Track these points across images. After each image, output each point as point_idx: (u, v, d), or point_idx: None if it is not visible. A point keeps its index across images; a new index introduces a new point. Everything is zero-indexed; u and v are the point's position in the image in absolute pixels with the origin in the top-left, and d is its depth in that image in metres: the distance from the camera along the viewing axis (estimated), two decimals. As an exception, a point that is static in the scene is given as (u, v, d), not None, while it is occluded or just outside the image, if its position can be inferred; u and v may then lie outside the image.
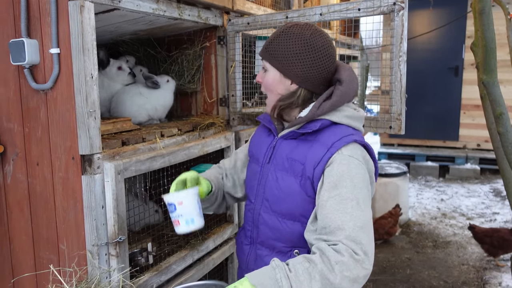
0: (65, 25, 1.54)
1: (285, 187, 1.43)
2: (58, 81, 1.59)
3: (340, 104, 1.42)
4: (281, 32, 1.44)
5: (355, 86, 1.46)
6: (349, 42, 4.58)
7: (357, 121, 1.47)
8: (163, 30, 2.33)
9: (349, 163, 1.33)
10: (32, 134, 1.69)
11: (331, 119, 1.42)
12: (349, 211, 1.26)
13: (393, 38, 1.84)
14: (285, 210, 1.43)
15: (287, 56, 1.41)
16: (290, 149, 1.45)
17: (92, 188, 1.59)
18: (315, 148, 1.39)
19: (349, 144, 1.37)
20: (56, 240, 1.69)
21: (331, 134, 1.40)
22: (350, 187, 1.29)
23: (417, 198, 6.26)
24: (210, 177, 1.71)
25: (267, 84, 1.49)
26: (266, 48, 1.47)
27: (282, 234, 1.44)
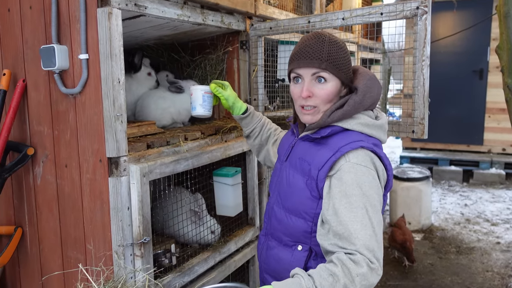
0: (94, 32, 1.59)
1: (293, 184, 1.49)
2: (87, 86, 1.64)
3: (352, 113, 1.44)
4: (329, 42, 1.44)
5: (374, 95, 1.47)
6: (371, 45, 4.57)
7: (374, 129, 1.47)
8: (187, 35, 2.38)
9: (356, 171, 1.35)
10: (61, 137, 1.74)
11: (343, 126, 1.44)
12: (359, 219, 1.29)
13: (416, 42, 1.84)
14: (291, 206, 1.49)
15: (345, 63, 1.45)
16: (303, 150, 1.51)
17: (119, 190, 1.64)
18: (322, 151, 1.43)
19: (356, 150, 1.39)
20: (83, 240, 1.74)
21: (340, 139, 1.43)
22: (359, 195, 1.32)
23: (440, 203, 6.17)
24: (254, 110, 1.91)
25: (326, 96, 1.45)
26: (328, 59, 1.42)
27: (287, 228, 1.50)
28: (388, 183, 1.47)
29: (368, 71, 1.53)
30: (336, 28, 2.18)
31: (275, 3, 2.67)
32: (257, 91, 2.42)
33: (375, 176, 1.38)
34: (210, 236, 2.20)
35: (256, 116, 1.91)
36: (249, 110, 1.88)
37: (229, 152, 2.19)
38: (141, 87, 2.36)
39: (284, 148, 1.65)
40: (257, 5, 2.41)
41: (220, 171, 2.18)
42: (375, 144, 1.44)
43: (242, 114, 1.86)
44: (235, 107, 1.86)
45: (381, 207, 1.38)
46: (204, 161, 2.01)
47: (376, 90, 1.49)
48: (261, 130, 1.91)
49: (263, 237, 1.67)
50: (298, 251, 1.48)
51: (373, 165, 1.39)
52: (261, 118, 1.93)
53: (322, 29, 2.15)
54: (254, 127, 1.90)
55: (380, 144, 1.50)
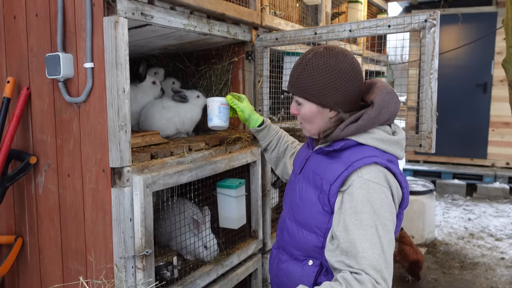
0: (100, 40, 1.58)
1: (306, 197, 1.47)
2: (91, 95, 1.62)
3: (367, 128, 1.41)
4: (305, 66, 1.45)
5: (391, 110, 1.44)
6: (376, 57, 4.56)
7: (390, 144, 1.44)
8: (192, 45, 2.36)
9: (368, 187, 1.32)
10: (64, 146, 1.72)
11: (357, 140, 1.41)
12: (369, 237, 1.26)
13: (424, 55, 1.82)
14: (302, 220, 1.47)
15: (321, 88, 1.42)
16: (317, 163, 1.49)
17: (121, 200, 1.61)
18: (334, 165, 1.40)
19: (369, 166, 1.36)
20: (84, 252, 1.71)
21: (353, 153, 1.40)
22: (370, 213, 1.29)
23: (444, 217, 6.11)
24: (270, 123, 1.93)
25: (305, 117, 1.51)
26: (296, 85, 1.47)
27: (298, 242, 1.49)
28: (403, 201, 1.43)
29: (387, 85, 1.49)
30: (343, 40, 2.16)
31: (281, 14, 2.66)
32: (262, 102, 2.40)
33: (387, 193, 1.34)
34: (205, 252, 2.15)
35: (273, 128, 1.91)
36: (265, 122, 1.89)
37: (233, 163, 2.16)
38: (146, 96, 2.35)
39: (299, 161, 1.63)
40: (263, 16, 2.40)
41: (224, 183, 2.16)
42: (389, 161, 1.41)
43: (258, 126, 1.87)
44: (251, 119, 1.87)
45: (393, 226, 1.33)
46: (208, 172, 1.99)
47: (394, 104, 1.45)
48: (278, 142, 1.91)
49: (275, 250, 1.65)
50: (309, 266, 1.45)
51: (386, 182, 1.35)
52: (278, 131, 1.93)
53: (327, 41, 2.13)
54: (271, 139, 1.90)
55: (396, 160, 1.46)
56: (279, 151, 1.90)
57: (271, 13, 2.53)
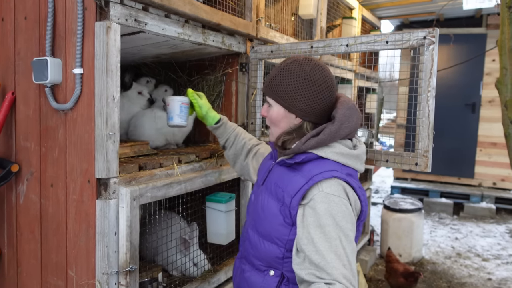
0: (90, 46, 1.52)
1: (267, 209, 1.49)
2: (79, 102, 1.56)
3: (328, 142, 1.45)
4: (281, 69, 1.51)
5: (352, 125, 1.48)
6: (368, 74, 4.55)
7: (350, 158, 1.48)
8: (185, 54, 2.31)
9: (329, 201, 1.35)
10: (48, 154, 1.65)
11: (318, 154, 1.45)
12: (334, 249, 1.29)
13: (421, 72, 1.79)
14: (264, 231, 1.49)
15: (290, 92, 1.47)
16: (279, 176, 1.51)
17: (106, 213, 1.54)
18: (296, 178, 1.43)
19: (329, 180, 1.39)
20: (65, 266, 1.63)
21: (314, 167, 1.43)
22: (333, 226, 1.32)
23: (431, 236, 6.09)
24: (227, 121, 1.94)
25: (272, 119, 1.55)
26: (269, 86, 1.53)
27: (260, 252, 1.51)
28: (361, 213, 1.47)
29: (349, 100, 1.53)
30: (340, 54, 2.14)
31: (276, 27, 2.63)
32: (255, 115, 2.35)
33: (347, 205, 1.38)
34: (193, 269, 2.09)
35: (229, 126, 1.94)
36: (222, 120, 1.91)
37: (223, 176, 2.10)
38: (133, 105, 2.28)
39: (262, 172, 1.66)
40: (259, 28, 2.36)
41: (214, 197, 2.09)
42: (349, 174, 1.45)
43: (215, 124, 1.89)
44: (208, 116, 1.89)
45: (353, 236, 1.38)
46: (197, 185, 1.92)
47: (355, 120, 1.50)
48: (235, 139, 1.92)
49: (238, 260, 1.66)
50: (270, 276, 1.48)
51: (345, 194, 1.39)
52: (234, 128, 1.94)
53: (324, 55, 2.10)
54: (228, 137, 1.92)
55: (356, 173, 1.50)
56: (237, 147, 1.92)
57: (267, 26, 2.50)
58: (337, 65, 3.54)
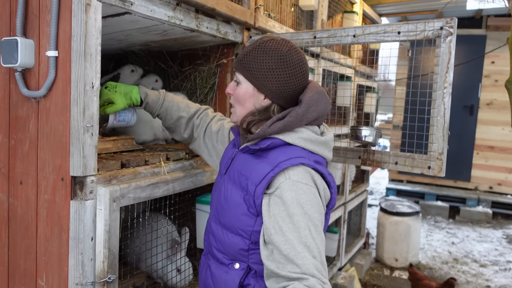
0: (67, 25, 1.33)
1: (230, 199, 1.40)
2: (53, 89, 1.37)
3: (294, 126, 1.36)
4: (257, 46, 1.40)
5: (320, 109, 1.40)
6: (368, 72, 4.39)
7: (318, 145, 1.39)
8: (177, 43, 2.13)
9: (297, 189, 1.27)
10: (18, 147, 1.46)
11: (284, 139, 1.35)
12: (303, 240, 1.22)
13: (437, 66, 1.63)
14: (227, 222, 1.40)
15: (263, 70, 1.38)
16: (242, 163, 1.41)
17: (82, 216, 1.35)
18: (260, 166, 1.34)
19: (297, 167, 1.30)
20: (34, 274, 1.44)
21: (280, 154, 1.33)
22: (301, 215, 1.24)
23: (427, 240, 5.95)
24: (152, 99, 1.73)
25: (238, 97, 1.44)
26: (241, 61, 1.42)
27: (223, 245, 1.41)
28: (331, 201, 1.39)
29: (318, 86, 1.45)
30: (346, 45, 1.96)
31: (275, 17, 2.45)
32: (251, 110, 2.17)
33: (316, 194, 1.30)
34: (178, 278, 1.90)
35: (154, 100, 1.73)
36: (145, 100, 1.72)
37: (216, 176, 1.92)
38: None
39: (225, 160, 1.55)
40: (257, 17, 2.18)
41: (205, 198, 1.91)
42: (317, 162, 1.37)
43: (140, 105, 1.73)
44: (131, 103, 1.69)
45: (322, 226, 1.30)
46: (187, 185, 1.74)
47: (323, 105, 1.41)
48: (166, 114, 1.76)
49: (203, 257, 1.55)
50: (235, 270, 1.39)
51: (313, 182, 1.31)
52: (161, 102, 1.74)
53: (328, 46, 1.93)
54: (158, 112, 1.75)
55: (324, 161, 1.42)
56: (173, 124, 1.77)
57: (265, 15, 2.32)
58: (337, 60, 3.37)
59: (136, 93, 1.69)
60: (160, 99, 1.74)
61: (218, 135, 1.74)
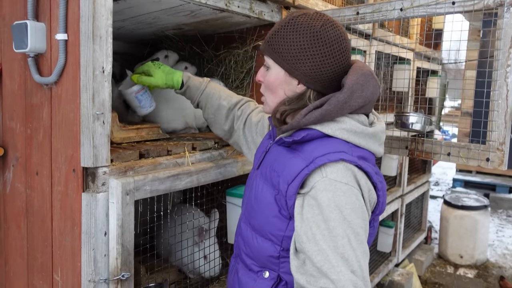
0: (75, 5, 1.24)
1: (262, 198, 1.22)
2: (64, 74, 1.29)
3: (335, 115, 1.14)
4: (286, 23, 1.19)
5: (367, 95, 1.17)
6: (429, 54, 4.04)
7: (364, 138, 1.17)
8: (210, 25, 2.00)
9: (335, 189, 1.07)
10: (33, 137, 1.40)
11: (322, 130, 1.15)
12: (340, 250, 1.03)
13: (499, 41, 1.38)
14: (257, 225, 1.23)
15: (294, 51, 1.18)
16: (275, 157, 1.23)
17: (93, 209, 1.27)
18: (294, 161, 1.15)
19: (335, 163, 1.10)
20: (50, 268, 1.39)
21: (318, 147, 1.14)
22: (339, 221, 1.05)
23: (497, 235, 5.50)
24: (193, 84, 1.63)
25: (268, 83, 1.25)
26: (269, 42, 1.23)
27: (252, 250, 1.25)
28: (378, 205, 1.18)
29: (365, 65, 1.21)
30: (392, 21, 1.74)
31: (319, -6, 2.25)
32: (290, 96, 2.01)
33: (359, 196, 1.10)
34: (202, 261, 1.80)
35: (196, 86, 1.63)
36: (186, 83, 1.63)
37: (248, 167, 1.79)
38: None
39: (258, 154, 1.38)
40: (297, -7, 2.00)
41: (235, 190, 1.79)
42: (361, 157, 1.15)
43: (180, 89, 1.64)
44: (171, 86, 1.63)
45: (366, 235, 1.10)
46: (214, 177, 1.62)
47: (371, 89, 1.18)
48: (207, 102, 1.64)
49: (233, 259, 1.41)
50: (264, 279, 1.22)
51: (356, 182, 1.11)
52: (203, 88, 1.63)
53: (373, 22, 1.72)
54: (198, 100, 1.64)
55: (372, 157, 1.20)
56: (213, 114, 1.64)
57: (307, -8, 2.13)
58: (393, 43, 3.10)
59: (179, 75, 1.61)
60: (203, 85, 1.63)
61: (257, 127, 1.57)
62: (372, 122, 1.23)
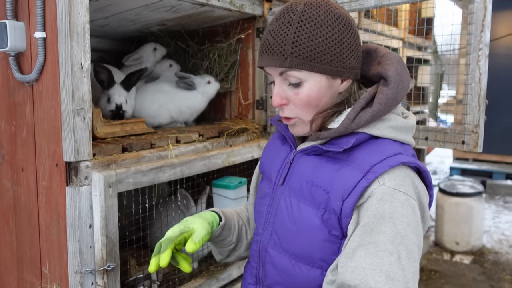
0: (52, 4, 1.27)
1: (301, 220, 1.04)
2: (44, 72, 1.32)
3: (384, 113, 1.01)
4: (300, 21, 0.97)
5: (406, 85, 1.03)
6: (419, 43, 4.06)
7: (407, 132, 1.05)
8: (193, 20, 2.03)
9: (392, 199, 0.93)
10: (18, 134, 1.44)
11: (370, 133, 1.01)
12: (385, 268, 0.87)
13: (471, 25, 1.41)
14: (299, 251, 1.04)
15: (333, 47, 0.97)
16: (312, 170, 1.05)
17: (77, 202, 1.30)
18: (345, 172, 0.98)
19: (395, 169, 0.96)
20: (39, 261, 1.42)
21: (370, 153, 0.98)
22: (391, 235, 0.90)
23: (494, 222, 5.53)
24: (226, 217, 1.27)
25: (307, 101, 1.01)
26: (294, 51, 0.97)
27: (293, 281, 1.06)
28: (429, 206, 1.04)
29: (392, 52, 1.08)
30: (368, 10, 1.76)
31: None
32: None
33: (415, 208, 0.96)
34: None
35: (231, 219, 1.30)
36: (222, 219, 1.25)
37: (234, 159, 1.82)
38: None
39: (276, 166, 1.16)
40: (278, -14, 2.03)
41: (221, 182, 1.82)
42: (413, 155, 1.04)
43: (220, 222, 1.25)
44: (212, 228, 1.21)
45: (419, 254, 0.94)
46: (198, 169, 1.65)
47: (407, 79, 1.04)
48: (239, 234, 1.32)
49: (252, 286, 1.18)
50: None
51: (414, 191, 0.97)
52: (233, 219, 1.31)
53: (351, 11, 1.74)
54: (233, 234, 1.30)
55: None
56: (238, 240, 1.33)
57: (289, -16, 2.15)
58: (381, 32, 3.12)
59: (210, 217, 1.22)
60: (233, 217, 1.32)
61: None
62: (402, 113, 1.11)
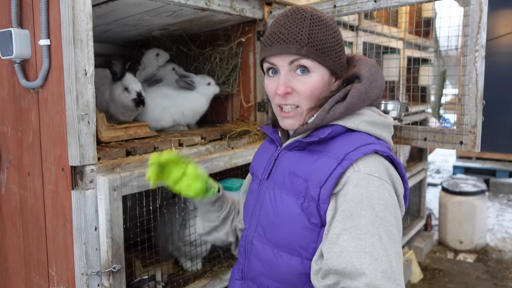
0: (56, 12, 1.30)
1: (283, 210, 1.11)
2: (49, 78, 1.35)
3: (358, 107, 1.11)
4: (311, 19, 1.09)
5: (379, 84, 1.15)
6: (419, 43, 4.08)
7: (383, 129, 1.15)
8: (195, 24, 2.06)
9: (368, 184, 0.99)
10: (24, 139, 1.47)
11: (345, 125, 1.10)
12: (368, 250, 0.92)
13: (468, 27, 1.43)
14: (281, 240, 1.10)
15: (335, 47, 1.12)
16: (294, 162, 1.13)
17: (83, 206, 1.33)
18: (322, 161, 1.06)
19: (369, 156, 1.04)
20: (46, 264, 1.45)
21: (345, 143, 1.07)
22: (371, 218, 0.96)
23: (497, 220, 5.53)
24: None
25: (311, 90, 1.10)
26: (310, 42, 1.07)
27: (275, 270, 1.11)
28: (405, 199, 1.12)
29: (367, 58, 1.20)
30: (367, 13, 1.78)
31: (301, -11, 2.30)
32: (275, 89, 2.06)
33: (391, 191, 1.03)
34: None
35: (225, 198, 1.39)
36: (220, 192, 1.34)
37: (235, 161, 1.84)
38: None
39: (263, 164, 1.24)
40: (278, -11, 2.06)
41: (224, 184, 1.84)
42: (388, 148, 1.11)
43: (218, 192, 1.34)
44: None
45: (400, 235, 1.00)
46: (201, 171, 1.68)
47: (380, 79, 1.16)
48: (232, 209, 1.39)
49: (239, 282, 1.23)
50: None
51: (388, 176, 1.05)
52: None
53: (349, 15, 1.77)
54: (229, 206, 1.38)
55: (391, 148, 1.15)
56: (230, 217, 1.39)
57: (289, -13, 2.18)
58: (382, 33, 3.14)
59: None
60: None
61: None
62: (379, 113, 1.19)
